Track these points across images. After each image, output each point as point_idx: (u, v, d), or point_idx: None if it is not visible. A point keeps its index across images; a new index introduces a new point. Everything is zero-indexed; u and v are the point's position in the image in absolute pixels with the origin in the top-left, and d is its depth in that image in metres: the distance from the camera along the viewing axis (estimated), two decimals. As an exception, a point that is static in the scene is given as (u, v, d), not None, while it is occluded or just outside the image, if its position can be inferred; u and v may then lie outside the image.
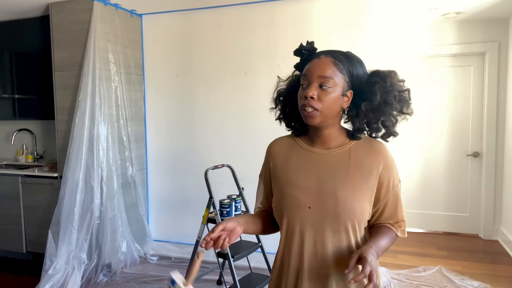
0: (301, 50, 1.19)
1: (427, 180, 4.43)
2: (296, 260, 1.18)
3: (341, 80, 1.12)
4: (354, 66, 1.15)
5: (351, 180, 1.14)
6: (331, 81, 1.10)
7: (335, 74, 1.11)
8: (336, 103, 1.12)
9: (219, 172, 3.06)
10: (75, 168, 3.17)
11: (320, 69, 1.11)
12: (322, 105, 1.10)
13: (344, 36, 3.19)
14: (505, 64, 4.03)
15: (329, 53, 1.15)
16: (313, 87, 1.10)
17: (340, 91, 1.12)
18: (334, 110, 1.13)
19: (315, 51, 1.19)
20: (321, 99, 1.10)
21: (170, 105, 3.89)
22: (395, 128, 1.18)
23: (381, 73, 1.16)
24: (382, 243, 1.13)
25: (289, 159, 1.24)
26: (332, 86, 1.10)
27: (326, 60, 1.12)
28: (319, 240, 1.14)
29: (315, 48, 1.19)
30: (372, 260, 0.99)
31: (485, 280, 3.18)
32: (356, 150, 1.17)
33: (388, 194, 1.17)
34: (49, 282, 3.00)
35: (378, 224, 1.22)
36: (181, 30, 3.78)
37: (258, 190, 1.37)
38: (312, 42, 1.19)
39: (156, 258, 3.73)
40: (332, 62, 1.12)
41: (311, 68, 1.13)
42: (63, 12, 3.37)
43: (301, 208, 1.16)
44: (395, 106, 1.14)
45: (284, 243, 1.22)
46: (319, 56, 1.14)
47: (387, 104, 1.13)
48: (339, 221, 1.12)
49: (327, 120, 1.14)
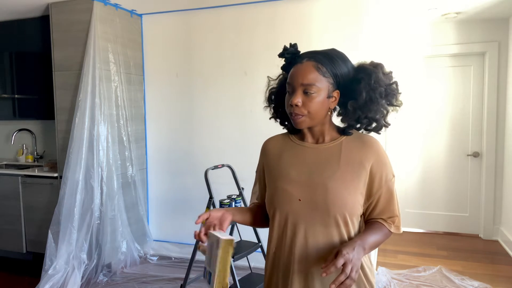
0: (284, 53, 1.20)
1: (427, 180, 4.43)
2: (287, 255, 1.19)
3: (324, 84, 1.13)
4: (337, 66, 1.14)
5: (341, 173, 1.15)
6: (314, 87, 1.11)
7: (318, 79, 1.12)
8: (322, 106, 1.14)
9: (219, 172, 3.06)
10: (75, 168, 3.17)
11: (302, 76, 1.12)
12: (309, 109, 1.13)
13: (344, 36, 3.19)
14: (505, 64, 4.03)
15: (311, 56, 1.15)
16: (298, 95, 1.12)
17: (325, 94, 1.13)
18: (321, 113, 1.15)
19: (298, 54, 1.19)
20: (306, 104, 1.13)
21: (170, 105, 3.89)
22: (386, 119, 1.18)
23: (367, 69, 1.16)
24: (370, 238, 1.13)
25: (282, 155, 1.26)
26: (316, 92, 1.12)
27: (307, 65, 1.13)
28: (310, 234, 1.15)
29: (298, 51, 1.20)
30: (349, 253, 1.00)
31: (485, 280, 3.18)
32: (348, 145, 1.19)
33: (381, 189, 1.17)
34: (49, 282, 3.00)
35: (371, 220, 1.22)
36: (181, 30, 3.78)
37: (253, 187, 1.39)
38: (295, 44, 1.20)
39: (156, 258, 3.73)
40: (314, 67, 1.12)
41: (293, 75, 1.14)
42: (63, 12, 3.37)
43: (292, 201, 1.17)
44: (382, 103, 1.15)
45: (275, 238, 1.22)
46: (302, 61, 1.14)
47: (373, 102, 1.13)
48: (329, 213, 1.13)
49: (315, 123, 1.17)
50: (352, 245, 1.04)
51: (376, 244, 1.17)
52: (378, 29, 3.26)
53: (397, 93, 1.18)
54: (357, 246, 1.04)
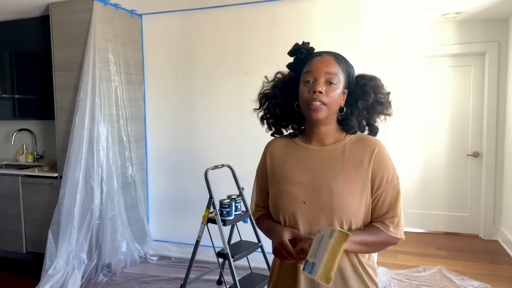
0: (300, 49, 1.22)
1: (427, 180, 4.43)
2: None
3: (342, 78, 1.17)
4: (350, 67, 1.21)
5: (345, 175, 1.15)
6: (336, 77, 1.15)
7: (339, 71, 1.16)
8: (339, 99, 1.17)
9: (219, 172, 3.06)
10: (75, 168, 3.17)
11: (326, 65, 1.15)
12: (329, 100, 1.14)
13: (344, 36, 3.19)
14: (505, 64, 4.03)
15: (330, 53, 1.20)
16: (321, 83, 1.14)
17: (342, 88, 1.17)
18: (337, 106, 1.18)
19: (312, 51, 1.23)
20: (328, 94, 1.14)
21: (170, 105, 3.89)
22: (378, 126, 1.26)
23: (367, 76, 1.24)
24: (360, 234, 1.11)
25: (286, 157, 1.26)
26: (337, 83, 1.15)
27: (329, 58, 1.17)
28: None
29: (313, 48, 1.23)
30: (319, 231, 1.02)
31: (485, 280, 3.18)
32: (351, 146, 1.20)
33: (381, 190, 1.15)
34: (49, 282, 3.00)
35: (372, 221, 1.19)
36: (181, 30, 3.78)
37: (253, 189, 1.38)
38: (308, 42, 1.23)
39: (156, 258, 3.73)
40: (335, 61, 1.17)
41: (316, 64, 1.16)
42: (63, 12, 3.37)
43: (296, 203, 1.17)
44: (386, 105, 1.22)
45: None
46: (321, 55, 1.18)
47: (379, 104, 1.21)
48: (333, 216, 1.12)
49: (330, 116, 1.18)
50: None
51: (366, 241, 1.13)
52: (378, 29, 3.26)
53: (390, 103, 1.25)
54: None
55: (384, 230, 1.16)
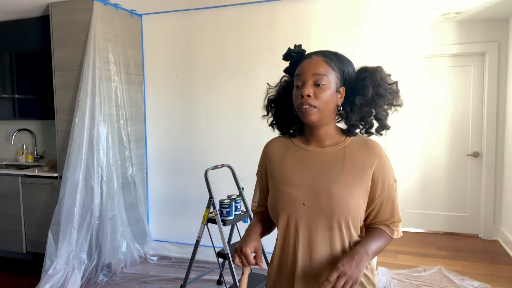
0: (290, 54, 1.21)
1: (427, 180, 4.43)
2: (290, 260, 1.19)
3: (334, 77, 1.15)
4: (344, 63, 1.18)
5: (345, 177, 1.14)
6: (325, 78, 1.13)
7: (328, 71, 1.14)
8: (331, 99, 1.15)
9: (219, 172, 3.06)
10: (75, 168, 3.17)
11: (313, 67, 1.13)
12: (319, 102, 1.12)
13: (344, 36, 3.19)
14: (505, 64, 4.03)
15: (319, 53, 1.18)
16: (308, 86, 1.13)
17: (334, 88, 1.15)
18: (330, 106, 1.15)
19: (304, 53, 1.21)
20: (317, 96, 1.12)
21: (170, 105, 3.89)
22: (387, 121, 1.21)
23: (369, 68, 1.20)
24: (373, 244, 1.13)
25: (285, 158, 1.25)
26: (326, 83, 1.13)
27: (317, 59, 1.15)
28: (313, 238, 1.15)
29: (304, 50, 1.22)
30: (344, 266, 1.01)
31: (485, 280, 3.18)
32: (351, 149, 1.18)
33: (383, 194, 1.17)
34: (49, 282, 3.00)
35: (373, 225, 1.21)
36: (181, 30, 3.78)
37: (254, 196, 1.40)
38: (300, 45, 1.22)
39: (156, 258, 3.73)
40: (324, 61, 1.15)
41: (304, 67, 1.15)
42: (63, 12, 3.37)
43: (295, 205, 1.16)
44: (388, 98, 1.18)
45: (279, 242, 1.22)
46: (310, 56, 1.17)
47: (380, 96, 1.17)
48: (333, 218, 1.12)
49: (324, 117, 1.16)
50: (351, 255, 1.04)
51: (379, 250, 1.16)
52: (378, 29, 3.26)
53: (398, 93, 1.21)
54: (357, 256, 1.04)
55: (390, 234, 1.20)
